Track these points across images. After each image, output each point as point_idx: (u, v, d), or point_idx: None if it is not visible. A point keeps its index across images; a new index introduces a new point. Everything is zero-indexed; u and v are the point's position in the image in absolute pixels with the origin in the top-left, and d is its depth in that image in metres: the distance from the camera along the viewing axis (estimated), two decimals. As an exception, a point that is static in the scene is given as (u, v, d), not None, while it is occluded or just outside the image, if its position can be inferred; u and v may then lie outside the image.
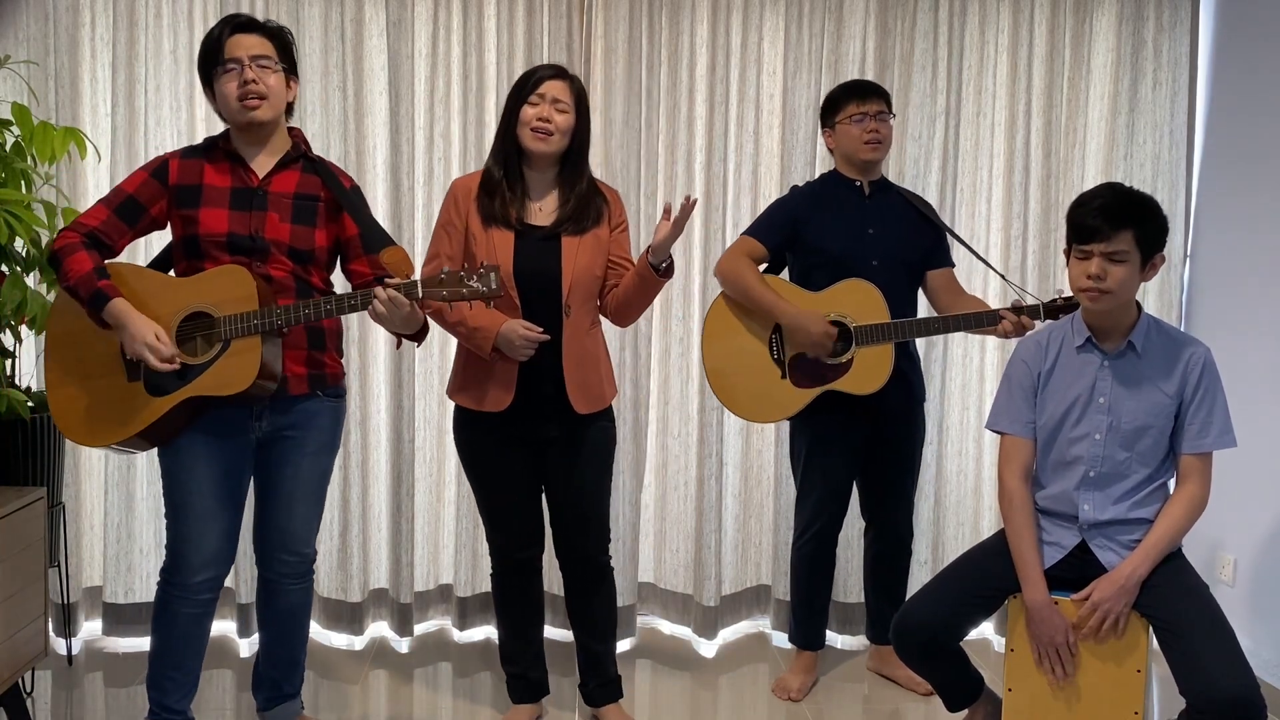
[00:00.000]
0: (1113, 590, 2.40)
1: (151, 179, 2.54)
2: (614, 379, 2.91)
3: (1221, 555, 3.48)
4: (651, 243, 2.66)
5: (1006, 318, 2.94)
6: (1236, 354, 3.33)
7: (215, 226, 2.50)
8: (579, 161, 2.77)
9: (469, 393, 2.79)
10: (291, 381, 2.56)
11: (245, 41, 2.51)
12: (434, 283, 2.43)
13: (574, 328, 2.74)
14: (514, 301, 2.70)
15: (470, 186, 2.78)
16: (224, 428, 2.55)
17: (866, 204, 3.14)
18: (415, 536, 3.63)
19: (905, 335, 3.06)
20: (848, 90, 3.14)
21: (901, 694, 3.31)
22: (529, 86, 2.70)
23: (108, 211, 2.52)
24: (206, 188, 2.53)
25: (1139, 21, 3.67)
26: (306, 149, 2.64)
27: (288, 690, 2.83)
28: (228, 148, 2.57)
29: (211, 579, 2.59)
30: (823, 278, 3.08)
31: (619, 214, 2.85)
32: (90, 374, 2.53)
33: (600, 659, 2.99)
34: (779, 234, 3.13)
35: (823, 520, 3.21)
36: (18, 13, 3.44)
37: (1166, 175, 3.69)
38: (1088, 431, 2.48)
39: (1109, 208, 2.38)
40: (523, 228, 2.73)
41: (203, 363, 2.46)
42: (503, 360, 2.71)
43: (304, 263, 2.57)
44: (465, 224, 2.75)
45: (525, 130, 2.70)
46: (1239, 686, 2.21)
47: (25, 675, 2.90)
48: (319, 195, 2.60)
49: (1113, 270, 2.37)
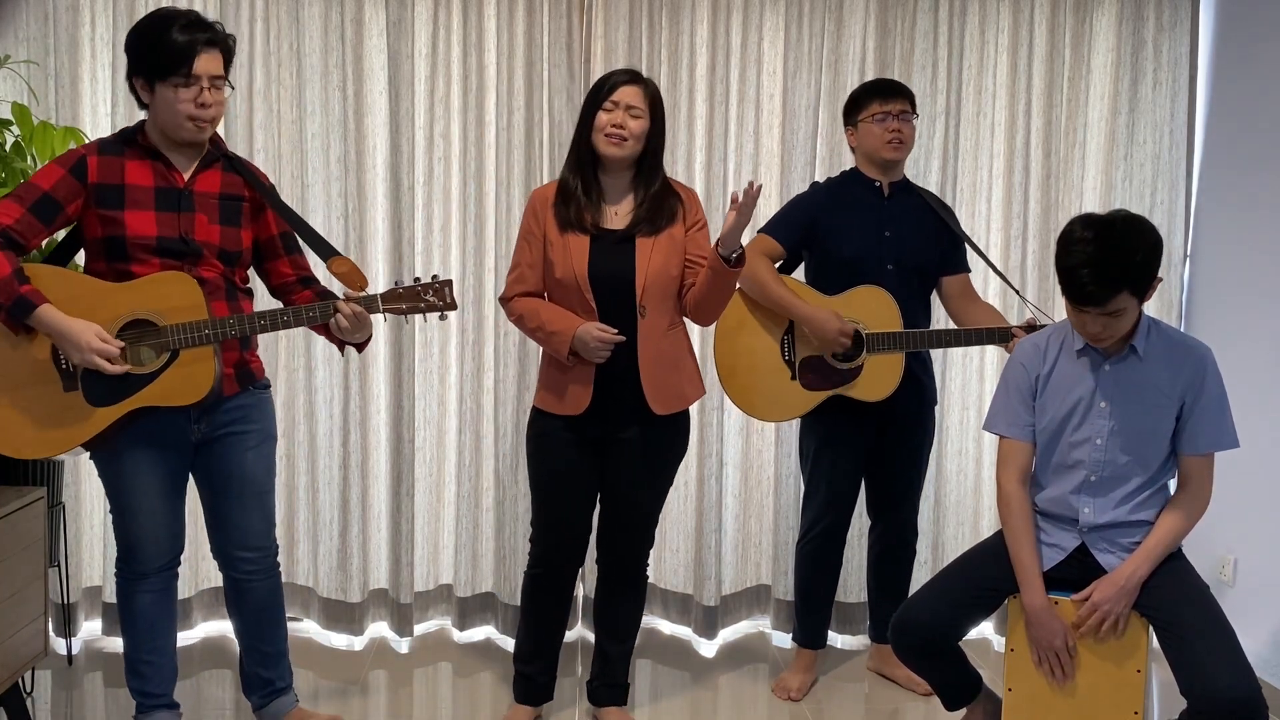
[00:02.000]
0: (1113, 591, 2.39)
1: (69, 176, 2.43)
2: (699, 379, 2.90)
3: (1221, 555, 3.48)
4: (720, 234, 2.65)
5: (1018, 336, 2.94)
6: (1236, 354, 3.33)
7: (143, 229, 2.44)
8: (654, 164, 2.78)
9: (551, 394, 2.80)
10: (225, 382, 2.54)
11: (209, 60, 2.42)
12: (392, 297, 2.46)
13: (650, 328, 2.74)
14: (590, 304, 2.71)
15: (548, 196, 2.79)
16: (162, 432, 2.53)
17: (885, 205, 3.13)
18: (415, 536, 3.63)
19: (917, 346, 3.06)
20: (871, 89, 3.13)
21: (901, 694, 3.31)
22: (604, 92, 2.70)
23: (22, 209, 2.40)
24: (129, 187, 2.45)
25: (1139, 21, 3.67)
26: (224, 147, 2.60)
27: (280, 685, 2.83)
28: (147, 144, 2.49)
29: (167, 562, 2.63)
30: (837, 278, 3.08)
31: (696, 213, 2.84)
32: (19, 383, 2.43)
33: (615, 662, 2.99)
34: (796, 232, 3.13)
35: (829, 520, 3.20)
36: (18, 13, 3.43)
37: (1166, 175, 3.69)
38: (1089, 436, 2.47)
39: (1099, 276, 2.27)
40: (598, 231, 2.74)
41: (149, 372, 2.43)
42: (580, 363, 2.72)
43: (231, 264, 2.55)
44: (543, 232, 2.76)
45: (599, 136, 2.71)
46: (1239, 687, 2.21)
47: (25, 675, 2.89)
48: (243, 195, 2.58)
49: (1114, 323, 2.36)
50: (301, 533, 3.64)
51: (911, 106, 3.12)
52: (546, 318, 2.73)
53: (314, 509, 3.63)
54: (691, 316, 2.85)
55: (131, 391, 2.43)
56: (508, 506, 3.61)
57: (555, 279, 2.75)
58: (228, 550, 2.69)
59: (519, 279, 2.81)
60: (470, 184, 3.57)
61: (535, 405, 2.86)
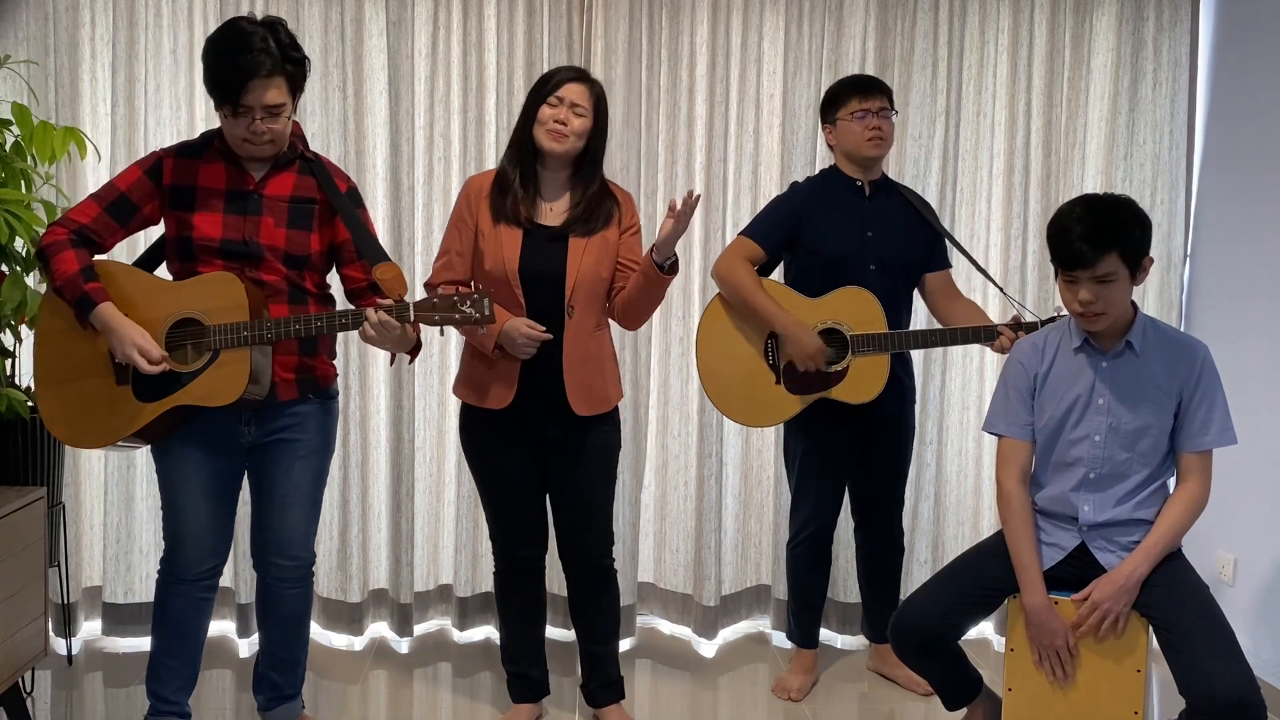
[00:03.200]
0: (1113, 590, 2.39)
1: (145, 177, 2.51)
2: (619, 382, 2.91)
3: (1221, 555, 3.48)
4: (655, 240, 2.66)
5: (1004, 334, 2.93)
6: (1236, 354, 3.33)
7: (209, 231, 2.47)
8: (593, 164, 2.78)
9: (472, 389, 2.80)
10: (280, 387, 2.55)
11: (264, 90, 2.37)
12: (426, 306, 2.42)
13: (577, 328, 2.74)
14: (518, 299, 2.71)
15: (484, 184, 2.78)
16: (213, 433, 2.55)
17: (866, 205, 3.12)
18: (415, 536, 3.63)
19: (902, 346, 3.05)
20: (850, 85, 3.11)
21: (901, 694, 3.31)
22: (549, 87, 2.70)
23: (99, 209, 2.49)
24: (201, 189, 2.50)
25: (1139, 21, 3.67)
26: (304, 148, 2.61)
27: (289, 691, 2.82)
28: (223, 148, 2.53)
29: (209, 569, 2.62)
30: (820, 279, 3.06)
31: (630, 217, 2.84)
32: (81, 374, 2.52)
33: (601, 660, 2.99)
34: (777, 235, 3.11)
35: (817, 522, 3.20)
36: (18, 13, 3.43)
37: (1166, 175, 3.69)
38: (1087, 433, 2.47)
39: (1089, 233, 2.33)
40: (532, 226, 2.73)
41: (192, 371, 2.46)
42: (505, 358, 2.71)
43: (298, 267, 2.55)
44: (476, 221, 2.75)
45: (541, 130, 2.70)
46: (1239, 687, 2.21)
47: (25, 675, 2.89)
48: (315, 198, 2.57)
49: (1104, 292, 2.36)
50: (301, 533, 3.64)
51: (890, 103, 3.11)
52: None
53: (314, 509, 3.63)
54: (619, 320, 2.85)
55: (174, 389, 2.46)
56: (508, 506, 3.61)
57: (484, 270, 2.73)
58: (265, 555, 2.69)
59: (446, 265, 2.79)
60: (470, 184, 3.57)
61: (461, 400, 2.85)
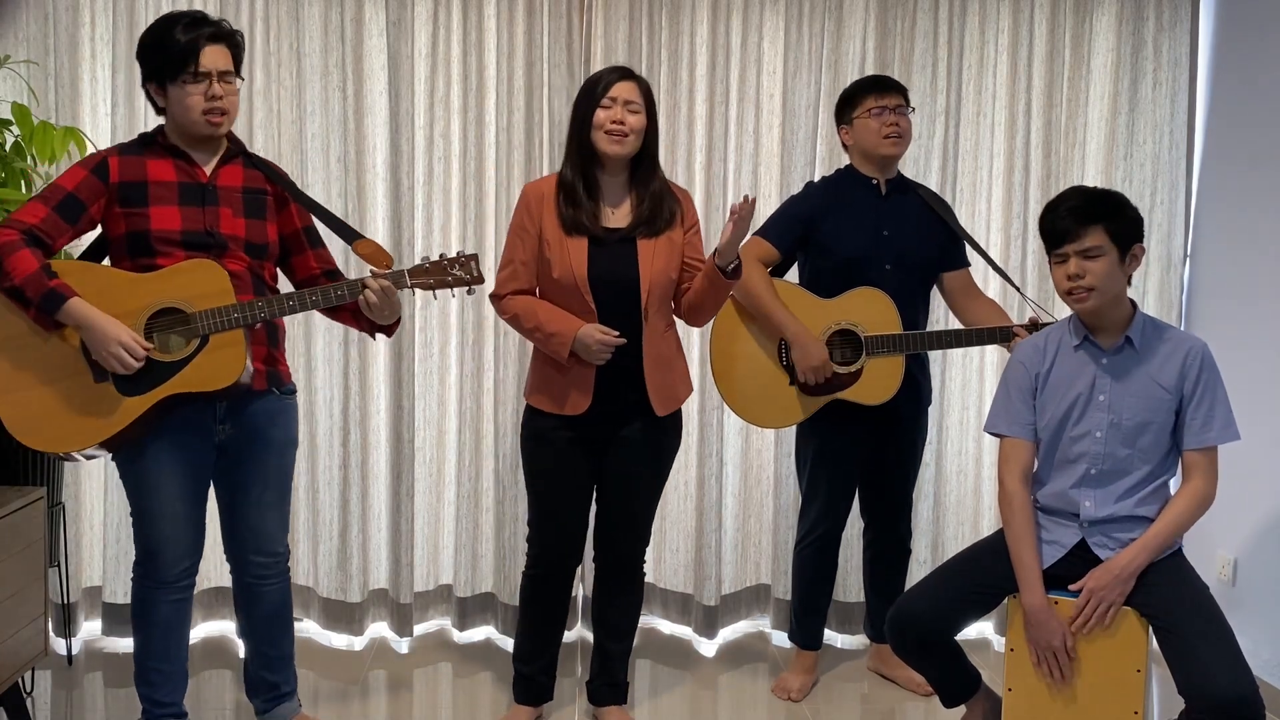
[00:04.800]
0: (1108, 579, 2.40)
1: (92, 175, 2.47)
2: (689, 378, 2.91)
3: (1221, 555, 3.48)
4: (717, 245, 2.65)
5: (1020, 335, 2.92)
6: (1236, 354, 3.33)
7: (168, 224, 2.46)
8: (651, 163, 2.76)
9: (548, 395, 2.78)
10: (255, 377, 2.55)
11: (215, 54, 2.45)
12: (419, 272, 2.50)
13: (651, 330, 2.74)
14: (589, 306, 2.70)
15: (543, 191, 2.76)
16: (188, 430, 2.53)
17: (882, 204, 3.10)
18: (415, 537, 3.63)
19: (916, 347, 3.04)
20: (867, 84, 3.11)
21: (901, 693, 3.31)
22: (600, 90, 2.69)
23: (47, 209, 2.43)
24: (153, 184, 2.48)
25: (1139, 21, 3.67)
26: (242, 144, 2.62)
27: (285, 689, 2.82)
28: (167, 143, 2.52)
29: (187, 568, 2.61)
30: (835, 279, 3.05)
31: (691, 215, 2.83)
32: (53, 376, 2.44)
33: (614, 660, 2.99)
34: (791, 235, 3.10)
35: (826, 525, 3.19)
36: (18, 13, 3.43)
37: (1166, 175, 3.69)
38: (1089, 429, 2.48)
39: (1076, 209, 2.41)
40: (601, 232, 2.72)
41: (179, 359, 2.44)
42: (579, 364, 2.71)
43: (259, 257, 2.56)
44: (539, 229, 2.73)
45: (600, 134, 2.68)
46: (1238, 686, 2.21)
47: (25, 675, 2.89)
48: (266, 189, 2.60)
49: (1090, 267, 2.38)
50: (301, 533, 3.64)
51: (906, 100, 3.11)
52: (544, 318, 2.70)
53: (314, 509, 3.63)
54: (685, 318, 2.85)
55: (161, 380, 2.43)
56: (507, 506, 3.61)
57: (552, 279, 2.73)
58: (242, 553, 2.69)
59: (512, 275, 2.78)
60: (470, 184, 3.57)
61: (530, 404, 2.84)
